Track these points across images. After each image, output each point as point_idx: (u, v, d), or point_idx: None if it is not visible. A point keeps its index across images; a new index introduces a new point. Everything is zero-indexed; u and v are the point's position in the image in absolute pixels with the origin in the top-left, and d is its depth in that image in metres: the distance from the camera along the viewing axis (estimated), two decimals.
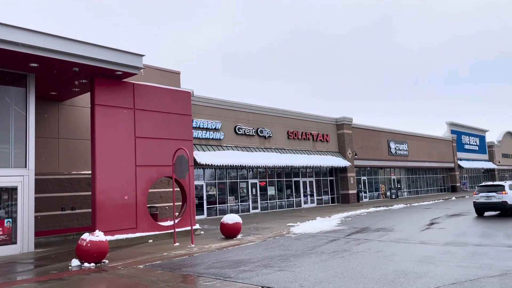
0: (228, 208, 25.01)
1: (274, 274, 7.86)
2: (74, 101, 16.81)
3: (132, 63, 13.27)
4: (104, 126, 13.19)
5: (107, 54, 12.71)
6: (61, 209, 16.25)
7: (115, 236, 12.89)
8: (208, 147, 23.72)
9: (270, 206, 28.02)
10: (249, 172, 27.01)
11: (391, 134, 40.60)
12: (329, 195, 33.45)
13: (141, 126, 14.12)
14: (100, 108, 13.18)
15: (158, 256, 10.51)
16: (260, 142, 27.33)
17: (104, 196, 12.87)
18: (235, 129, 25.62)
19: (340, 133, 34.13)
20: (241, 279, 7.57)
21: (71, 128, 16.85)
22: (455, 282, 6.83)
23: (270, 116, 28.29)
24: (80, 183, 16.77)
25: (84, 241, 9.69)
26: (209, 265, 9.13)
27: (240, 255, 10.37)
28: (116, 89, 13.69)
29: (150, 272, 8.63)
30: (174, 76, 20.65)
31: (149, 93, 14.55)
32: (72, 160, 16.71)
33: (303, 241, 12.59)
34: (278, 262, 9.15)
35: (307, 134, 30.98)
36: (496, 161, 60.85)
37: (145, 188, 13.97)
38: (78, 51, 12.03)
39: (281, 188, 29.22)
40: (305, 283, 7.11)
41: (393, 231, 14.24)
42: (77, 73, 13.04)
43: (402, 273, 7.67)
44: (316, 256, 9.77)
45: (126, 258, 10.43)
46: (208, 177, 24.53)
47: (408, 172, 44.33)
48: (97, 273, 8.79)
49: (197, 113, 23.28)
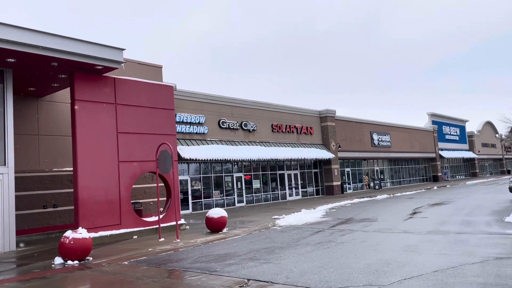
0: (213, 202, 24.97)
1: (260, 267, 7.89)
2: (54, 97, 16.47)
3: (112, 57, 13.05)
4: (85, 122, 12.97)
5: (86, 48, 12.47)
6: (43, 207, 15.96)
7: (99, 233, 12.74)
8: (192, 141, 23.58)
9: (256, 199, 28.08)
10: (234, 166, 26.98)
11: (374, 126, 41.03)
12: (314, 187, 33.68)
13: (123, 121, 13.93)
14: (80, 103, 12.94)
15: (143, 252, 10.44)
16: (245, 135, 27.30)
17: (87, 193, 12.69)
18: (219, 123, 25.51)
19: (323, 125, 34.32)
20: (227, 273, 7.58)
21: (51, 124, 16.52)
22: (437, 270, 6.96)
23: (254, 110, 28.25)
24: (62, 180, 16.49)
25: (67, 238, 9.55)
26: (195, 259, 9.11)
27: (226, 248, 10.37)
28: (96, 84, 13.46)
29: (135, 268, 8.56)
30: (156, 70, 20.41)
31: (130, 88, 14.35)
32: (53, 157, 16.41)
33: (288, 233, 12.66)
34: (264, 254, 9.19)
35: (291, 127, 31.07)
36: (476, 150, 62.16)
37: (128, 184, 13.82)
38: (57, 46, 11.77)
39: (266, 181, 29.29)
40: (291, 274, 7.15)
41: (377, 221, 14.44)
42: (56, 68, 12.76)
43: (386, 262, 7.79)
44: (302, 247, 9.84)
45: (110, 254, 10.33)
46: (193, 172, 24.41)
47: (391, 163, 44.94)
48: (80, 270, 8.68)
49: (180, 108, 23.09)
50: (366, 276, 6.79)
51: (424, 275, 6.70)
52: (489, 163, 69.86)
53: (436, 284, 6.07)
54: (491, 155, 67.81)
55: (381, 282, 6.37)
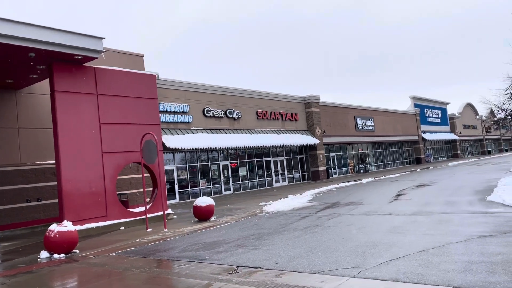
0: (200, 191, 24.93)
1: (249, 253, 7.92)
2: (33, 89, 16.07)
3: (91, 47, 12.76)
4: (66, 114, 12.71)
5: (64, 38, 12.15)
6: (26, 200, 15.70)
7: (84, 226, 12.61)
8: (177, 130, 23.38)
9: (243, 187, 28.13)
10: (220, 154, 26.91)
11: (358, 111, 41.32)
12: (300, 173, 33.89)
13: (105, 112, 13.70)
14: (60, 94, 12.66)
15: (130, 242, 10.37)
16: (230, 123, 27.19)
17: (71, 185, 12.51)
18: (203, 112, 25.33)
19: (308, 111, 34.40)
20: (216, 260, 7.59)
21: (31, 116, 16.15)
22: (423, 250, 7.09)
23: (239, 97, 28.11)
24: (45, 173, 16.20)
25: (52, 232, 9.42)
26: (183, 248, 9.10)
27: (214, 236, 10.38)
28: (76, 74, 13.17)
29: (123, 259, 8.51)
30: (138, 59, 20.06)
31: (112, 78, 14.08)
32: (35, 150, 16.09)
33: (276, 219, 12.73)
34: (253, 241, 9.22)
35: (276, 114, 31.05)
36: (458, 132, 63.27)
37: (113, 175, 13.66)
38: (33, 36, 11.43)
39: (252, 168, 29.33)
40: (280, 259, 7.20)
41: (363, 204, 14.62)
42: (33, 59, 12.41)
43: (373, 244, 7.89)
44: (289, 233, 9.91)
45: (97, 246, 10.24)
46: (179, 161, 24.27)
47: (375, 146, 45.45)
48: (67, 263, 8.59)
49: (164, 97, 22.82)
50: (354, 258, 6.88)
51: (410, 255, 6.81)
52: (470, 144, 71.25)
53: (422, 264, 6.18)
54: (472, 136, 69.14)
55: (369, 264, 6.46)
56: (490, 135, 75.55)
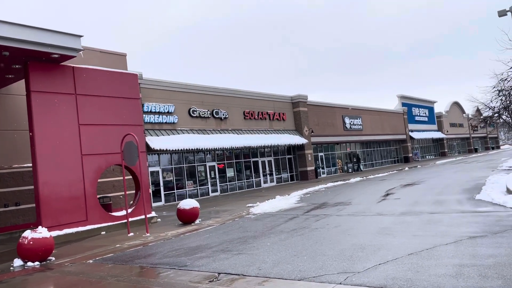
0: (187, 193, 24.49)
1: (232, 259, 7.57)
2: (9, 89, 15.49)
3: (69, 45, 12.28)
4: (42, 115, 12.21)
5: (40, 36, 11.65)
6: (4, 205, 15.12)
7: (63, 231, 12.13)
8: (161, 131, 22.91)
9: (230, 188, 27.75)
10: (207, 155, 26.49)
11: (346, 110, 41.23)
12: (288, 173, 33.62)
13: (84, 113, 13.22)
14: (36, 95, 12.15)
15: (110, 248, 9.94)
16: (216, 124, 26.79)
17: (48, 189, 12.01)
18: (189, 112, 24.89)
19: (296, 111, 34.15)
20: (197, 267, 7.22)
21: (8, 118, 15.58)
22: (412, 253, 6.81)
23: (225, 97, 27.72)
24: (23, 177, 15.63)
25: (26, 239, 8.95)
26: (164, 254, 8.71)
27: (198, 240, 10.00)
28: (53, 74, 12.67)
29: (100, 266, 8.08)
30: (120, 59, 19.55)
31: (91, 77, 13.60)
32: (13, 153, 15.51)
33: (262, 221, 12.40)
34: (237, 245, 8.88)
35: (263, 114, 30.74)
36: (445, 130, 63.70)
37: (93, 178, 13.19)
38: (6, 34, 10.92)
39: (240, 169, 28.96)
40: (263, 265, 6.86)
41: (351, 205, 14.37)
42: (8, 58, 11.88)
43: (360, 247, 7.61)
44: (275, 235, 9.58)
45: (75, 253, 9.79)
46: (164, 163, 23.79)
47: (363, 146, 45.43)
48: (41, 272, 8.13)
49: (148, 97, 22.34)
50: (341, 263, 6.57)
51: (399, 258, 6.53)
52: (457, 142, 71.83)
53: (412, 268, 5.90)
54: (459, 135, 69.70)
55: (356, 269, 6.16)
56: (477, 133, 76.28)
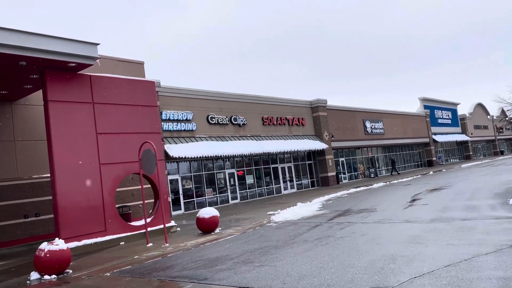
0: (206, 201, 24.20)
1: (254, 271, 7.16)
2: (29, 100, 15.53)
3: (86, 53, 12.16)
4: (60, 124, 12.10)
5: (57, 44, 11.57)
6: (24, 216, 15.08)
7: (82, 242, 11.93)
8: (180, 139, 22.74)
9: (250, 195, 27.36)
10: (226, 162, 26.20)
11: (366, 114, 40.44)
12: (309, 179, 33.04)
13: (102, 121, 13.08)
14: (54, 104, 12.06)
15: (128, 260, 9.66)
16: (235, 130, 26.51)
17: (67, 199, 11.85)
18: (207, 119, 24.68)
19: (315, 115, 33.62)
20: (218, 280, 6.84)
21: (28, 129, 15.60)
22: (449, 264, 6.28)
23: (243, 103, 27.45)
24: (43, 187, 15.59)
25: (42, 251, 8.75)
26: (183, 266, 8.36)
27: (218, 251, 9.63)
28: (71, 83, 12.58)
29: (118, 280, 7.79)
30: (138, 67, 19.49)
31: (108, 85, 13.47)
32: (32, 164, 15.50)
33: (284, 229, 11.95)
34: (258, 256, 8.46)
35: (282, 119, 30.33)
36: (469, 133, 61.93)
37: (112, 188, 12.99)
38: (23, 43, 10.86)
39: (259, 176, 28.56)
40: (288, 279, 6.43)
41: (376, 211, 13.79)
42: (25, 67, 11.85)
43: (391, 257, 7.10)
44: (299, 245, 9.13)
45: (92, 265, 9.54)
46: (184, 171, 23.59)
47: (385, 150, 44.44)
48: (57, 286, 7.89)
49: (166, 105, 22.24)
50: (372, 276, 6.09)
51: (436, 271, 6.01)
52: (482, 145, 69.72)
53: (452, 282, 5.38)
54: (483, 137, 67.64)
55: (389, 283, 5.68)
56: (502, 135, 73.96)
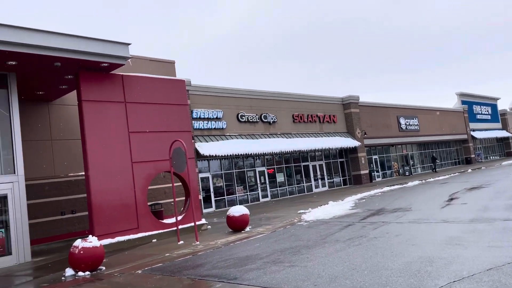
0: (237, 199, 24.23)
1: (284, 272, 7.01)
2: (64, 100, 15.99)
3: (117, 53, 12.36)
4: (93, 123, 12.36)
5: (89, 45, 11.81)
6: (61, 213, 15.56)
7: (116, 239, 12.15)
8: (211, 137, 22.85)
9: (281, 193, 27.19)
10: (256, 160, 26.13)
11: (400, 110, 39.33)
12: (341, 177, 32.50)
13: (134, 120, 13.26)
14: (87, 104, 12.33)
15: (159, 258, 9.73)
16: (265, 128, 26.39)
17: (100, 197, 12.10)
18: (237, 117, 24.69)
19: (347, 112, 33.01)
20: (247, 280, 6.74)
21: (64, 128, 16.07)
22: (492, 267, 5.91)
23: (273, 101, 27.28)
24: (78, 185, 16.03)
25: (77, 248, 8.93)
26: (213, 264, 8.31)
27: (248, 250, 9.54)
28: (103, 83, 12.82)
29: (148, 278, 7.83)
30: (169, 66, 19.72)
31: (140, 84, 13.65)
32: (68, 162, 15.97)
33: (315, 229, 11.73)
34: (289, 256, 8.30)
35: (313, 116, 29.95)
36: (510, 129, 59.18)
37: (144, 186, 13.17)
38: (57, 44, 11.15)
39: (290, 174, 28.33)
40: (319, 280, 6.24)
41: (411, 211, 13.32)
42: (60, 68, 12.16)
43: (428, 260, 6.78)
44: (330, 245, 8.91)
45: (125, 262, 9.67)
46: (215, 169, 23.70)
47: (420, 147, 43.12)
48: (90, 283, 8.03)
49: (196, 103, 22.38)
50: (408, 279, 5.81)
51: (477, 275, 5.67)
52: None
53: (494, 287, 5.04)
54: None
55: (427, 287, 5.39)
56: None
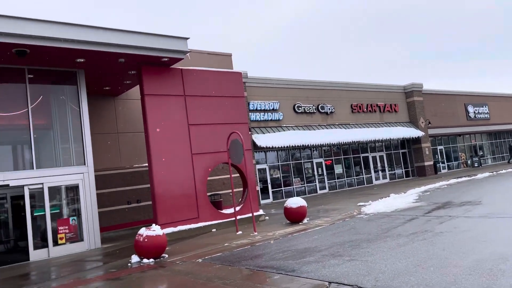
0: (294, 190, 24.13)
1: (343, 266, 6.84)
2: (128, 94, 16.76)
3: (177, 48, 12.69)
4: (155, 117, 12.82)
5: (150, 41, 12.23)
6: (127, 202, 16.40)
7: (177, 228, 12.59)
8: (267, 129, 22.89)
9: (339, 185, 26.69)
10: (314, 151, 25.81)
11: (468, 97, 36.89)
12: (403, 168, 31.23)
13: (193, 113, 13.59)
14: (150, 98, 12.80)
15: (219, 247, 9.93)
16: (322, 119, 25.95)
17: (163, 188, 12.57)
18: (294, 108, 24.49)
19: (409, 101, 31.55)
20: (305, 273, 6.65)
21: (128, 121, 16.87)
22: None
23: (331, 91, 26.72)
24: (142, 176, 16.78)
25: (141, 236, 9.35)
26: (271, 256, 8.32)
27: (306, 242, 9.44)
28: (164, 77, 13.23)
29: (208, 267, 8.01)
30: (226, 59, 19.96)
31: (198, 78, 13.93)
32: (133, 154, 16.76)
33: (376, 222, 11.35)
34: (348, 249, 8.10)
35: (373, 106, 28.97)
36: None
37: (203, 176, 13.48)
38: (121, 41, 11.66)
39: (349, 165, 27.69)
40: (381, 276, 6.01)
41: (481, 204, 12.46)
42: (123, 64, 12.73)
43: (501, 257, 6.28)
44: (392, 240, 8.56)
45: (186, 251, 9.98)
46: (272, 160, 23.74)
47: (491, 136, 40.23)
48: (154, 270, 8.36)
49: (253, 95, 22.49)
50: (478, 278, 5.42)
51: None
52: None
53: None
54: None
55: (501, 286, 4.99)
56: None
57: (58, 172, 12.16)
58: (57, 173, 12.12)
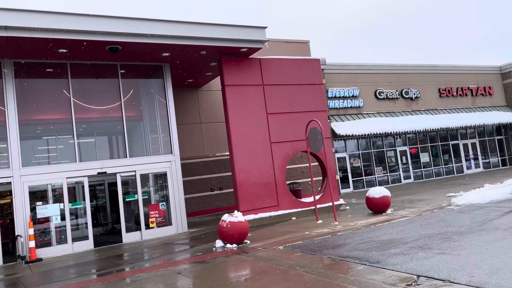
0: (376, 180, 23.29)
1: (433, 259, 6.45)
2: (210, 86, 17.35)
3: (255, 37, 12.82)
4: (235, 107, 13.11)
5: (229, 32, 12.50)
6: (210, 189, 17.09)
7: (258, 215, 12.84)
8: (347, 116, 22.29)
9: (425, 175, 25.21)
10: (397, 139, 24.62)
11: None
12: (498, 157, 28.56)
13: (271, 102, 13.67)
14: (230, 88, 13.11)
15: (299, 235, 9.94)
16: (406, 104, 24.61)
17: (244, 176, 12.86)
18: (375, 94, 23.52)
19: (506, 83, 28.65)
20: (391, 265, 6.39)
21: (210, 112, 17.50)
22: None
23: (416, 75, 25.19)
24: (224, 164, 17.35)
25: (224, 222, 9.68)
26: (353, 246, 8.13)
27: (390, 233, 9.07)
28: (243, 67, 13.45)
29: (289, 254, 8.06)
30: (303, 46, 19.74)
31: (275, 67, 13.95)
32: (215, 143, 17.38)
33: (469, 214, 10.53)
34: (438, 242, 7.62)
35: (463, 89, 26.80)
36: None
37: (282, 165, 13.55)
38: (202, 34, 12.07)
39: (436, 153, 26.00)
40: (476, 271, 5.56)
41: None
42: (205, 56, 13.18)
43: None
44: (488, 233, 7.88)
45: (267, 238, 10.15)
46: (352, 148, 23.11)
47: None
48: (237, 255, 8.62)
49: (331, 82, 22.00)
50: None
51: None
52: None
53: None
54: None
55: None
56: None
57: (148, 160, 13.02)
58: (148, 161, 12.99)
